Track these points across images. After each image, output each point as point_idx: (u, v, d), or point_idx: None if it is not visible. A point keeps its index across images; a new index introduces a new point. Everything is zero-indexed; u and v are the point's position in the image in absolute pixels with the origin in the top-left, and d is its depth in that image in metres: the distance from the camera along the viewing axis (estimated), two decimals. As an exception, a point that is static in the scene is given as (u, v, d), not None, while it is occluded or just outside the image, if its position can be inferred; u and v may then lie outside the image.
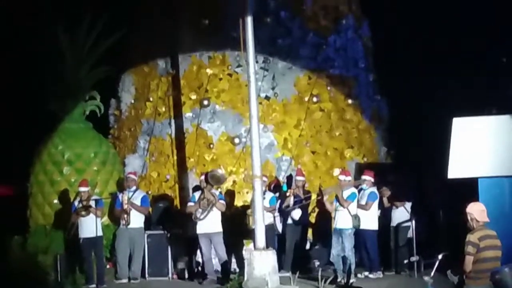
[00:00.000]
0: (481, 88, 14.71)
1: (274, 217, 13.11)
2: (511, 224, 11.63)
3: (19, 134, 15.52)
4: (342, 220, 12.33)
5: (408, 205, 13.34)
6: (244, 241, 13.02)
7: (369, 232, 12.70)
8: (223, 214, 12.58)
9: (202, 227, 12.45)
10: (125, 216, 12.90)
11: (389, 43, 15.70)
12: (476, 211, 8.13)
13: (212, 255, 12.67)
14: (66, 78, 14.92)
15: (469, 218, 8.17)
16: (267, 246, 11.73)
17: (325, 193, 12.75)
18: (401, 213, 13.39)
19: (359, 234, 12.48)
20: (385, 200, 13.14)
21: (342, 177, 12.61)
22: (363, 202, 12.62)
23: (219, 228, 12.45)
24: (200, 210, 12.40)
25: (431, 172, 14.14)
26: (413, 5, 15.49)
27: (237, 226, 13.22)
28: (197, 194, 12.56)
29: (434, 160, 13.21)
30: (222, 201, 12.48)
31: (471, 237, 7.89)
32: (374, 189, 12.82)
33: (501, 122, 12.03)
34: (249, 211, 12.93)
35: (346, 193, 12.33)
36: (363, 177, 12.99)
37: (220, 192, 12.85)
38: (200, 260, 13.13)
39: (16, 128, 15.66)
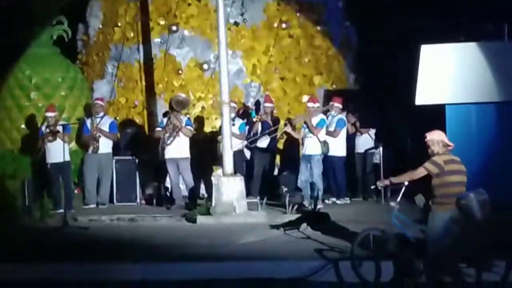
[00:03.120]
0: (450, 15, 16.81)
1: (243, 143, 16.67)
2: (477, 151, 13.43)
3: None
4: (311, 146, 15.42)
5: (372, 132, 16.83)
6: (213, 167, 16.40)
7: (336, 158, 16.10)
8: (191, 140, 16.22)
9: (169, 153, 16.07)
10: (94, 142, 16.58)
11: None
12: (440, 136, 9.71)
13: (180, 181, 16.28)
14: (33, 2, 17.40)
15: (430, 144, 9.66)
16: (235, 172, 15.07)
17: (295, 122, 15.87)
18: (365, 140, 16.86)
19: (326, 161, 15.85)
20: (349, 126, 16.63)
21: (310, 104, 15.73)
22: (331, 129, 15.96)
23: (186, 154, 16.11)
24: (167, 135, 15.88)
25: (399, 99, 16.37)
26: None
27: (205, 152, 16.73)
28: (165, 120, 16.26)
29: (402, 87, 15.29)
30: (189, 127, 16.20)
31: (437, 158, 9.65)
32: (343, 116, 16.31)
33: (469, 50, 13.87)
34: (219, 137, 16.24)
35: (315, 120, 15.43)
36: (332, 103, 16.21)
37: (188, 118, 16.70)
38: (168, 185, 16.69)
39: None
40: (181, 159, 16.18)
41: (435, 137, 9.79)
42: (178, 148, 16.14)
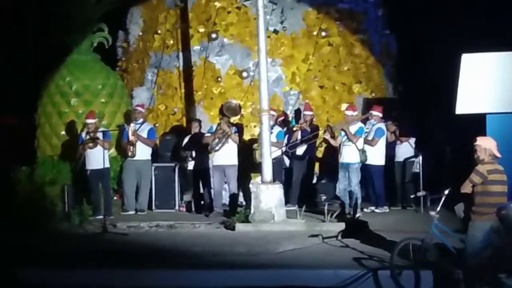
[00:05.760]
0: (491, 24, 16.86)
1: (282, 151, 16.84)
2: (518, 161, 13.14)
3: (28, 66, 18.61)
4: (349, 154, 15.45)
5: (412, 140, 16.85)
6: (251, 175, 16.72)
7: (375, 167, 16.05)
8: (232, 147, 16.37)
9: (217, 159, 16.28)
10: (131, 148, 16.73)
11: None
12: (489, 144, 9.72)
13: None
14: (74, 10, 18.30)
15: (478, 150, 9.70)
16: (274, 179, 15.06)
17: (334, 130, 15.80)
18: (406, 149, 16.84)
19: (365, 169, 15.87)
20: (389, 135, 16.62)
21: (349, 112, 15.84)
22: (370, 138, 15.95)
23: (234, 161, 16.23)
24: (216, 141, 16.01)
25: (438, 108, 16.68)
26: None
27: (244, 159, 16.71)
28: (214, 126, 16.48)
29: (442, 95, 15.32)
30: (237, 134, 16.25)
31: (480, 168, 9.68)
32: (382, 125, 16.27)
33: (510, 59, 13.45)
34: (256, 145, 16.56)
35: (353, 128, 15.50)
36: (372, 112, 16.21)
37: (235, 125, 16.72)
38: (205, 193, 16.87)
39: (25, 59, 18.68)
40: (228, 166, 16.29)
41: (483, 144, 9.83)
42: (226, 155, 16.26)
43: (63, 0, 18.39)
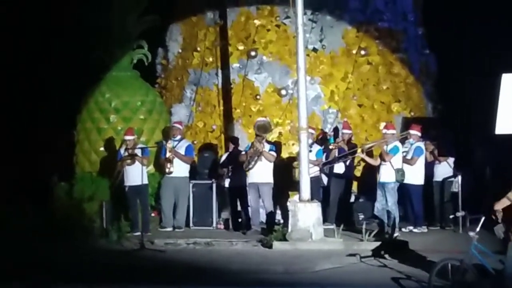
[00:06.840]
0: None
1: (320, 170, 17.02)
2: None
3: (67, 82, 18.96)
4: (385, 174, 15.51)
5: (451, 160, 16.99)
6: (289, 193, 16.81)
7: (414, 186, 16.10)
8: (268, 165, 16.61)
9: (251, 177, 16.50)
10: (168, 164, 16.92)
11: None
12: None
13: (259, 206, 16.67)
14: (114, 27, 18.68)
15: None
16: (312, 198, 15.20)
17: (365, 148, 16.04)
18: (444, 168, 16.99)
19: (404, 188, 15.96)
20: (428, 154, 16.75)
21: (384, 131, 15.97)
22: (408, 157, 16.10)
23: (269, 179, 16.34)
24: (249, 159, 16.28)
25: (477, 128, 16.85)
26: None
27: (282, 177, 16.91)
28: (250, 144, 16.76)
29: (481, 115, 15.10)
30: (273, 152, 16.43)
31: None
32: (421, 144, 16.33)
33: None
34: (295, 163, 16.84)
35: (389, 147, 15.58)
36: (410, 131, 16.32)
37: (273, 143, 16.89)
38: (242, 210, 17.01)
39: (64, 76, 19.08)
40: (262, 183, 16.37)
41: None
42: (260, 173, 16.36)
43: (104, 16, 18.64)
